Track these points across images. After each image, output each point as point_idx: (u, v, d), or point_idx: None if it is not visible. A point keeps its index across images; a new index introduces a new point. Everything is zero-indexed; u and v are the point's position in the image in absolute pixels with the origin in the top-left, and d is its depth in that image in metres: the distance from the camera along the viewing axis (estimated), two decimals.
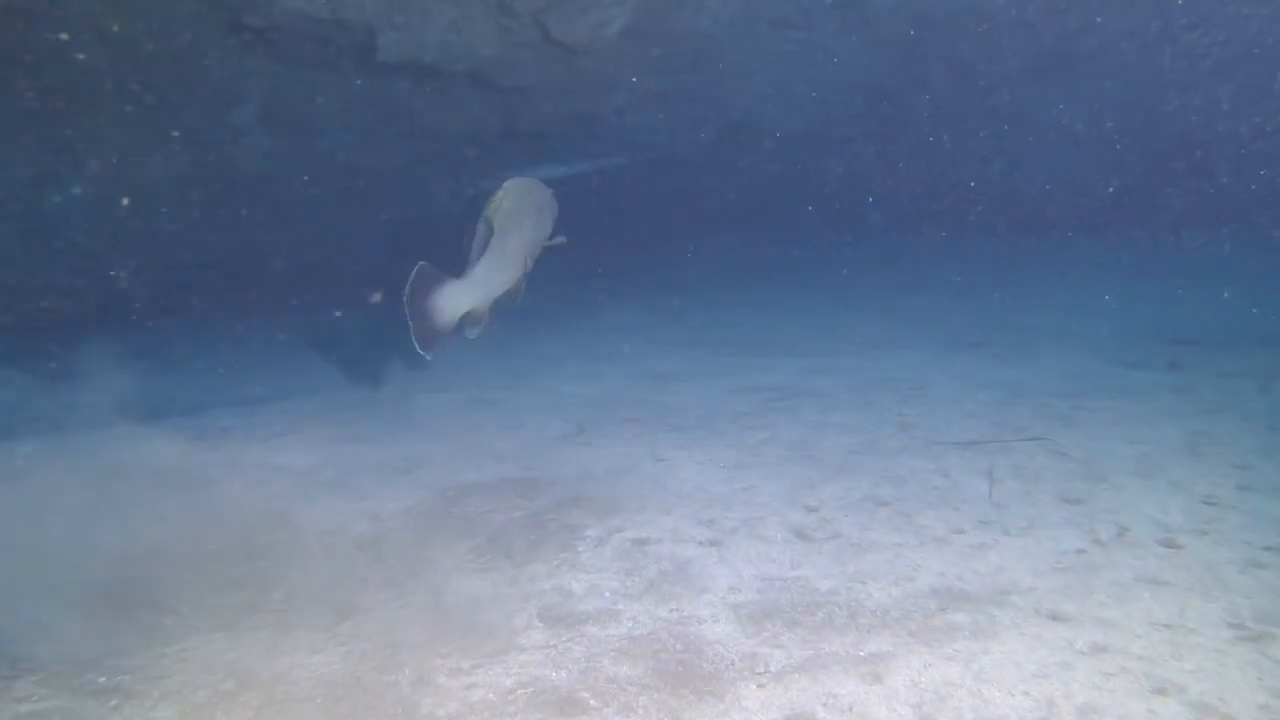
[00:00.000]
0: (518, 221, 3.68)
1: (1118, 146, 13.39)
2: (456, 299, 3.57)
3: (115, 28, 8.42)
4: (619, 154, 11.24)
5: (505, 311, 9.91)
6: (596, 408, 5.81)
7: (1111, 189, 13.98)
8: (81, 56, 8.40)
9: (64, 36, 8.09)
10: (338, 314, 11.08)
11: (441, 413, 6.00)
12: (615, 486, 4.26)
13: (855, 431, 5.03)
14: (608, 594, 3.21)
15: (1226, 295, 10.38)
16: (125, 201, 9.72)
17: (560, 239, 4.04)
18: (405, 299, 3.42)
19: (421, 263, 3.48)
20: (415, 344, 3.50)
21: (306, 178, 11.55)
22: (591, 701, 2.57)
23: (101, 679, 2.79)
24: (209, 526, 3.89)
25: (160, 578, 3.40)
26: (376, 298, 10.41)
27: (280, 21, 8.12)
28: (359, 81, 10.14)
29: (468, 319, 3.68)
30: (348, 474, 4.67)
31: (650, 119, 11.13)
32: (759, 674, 2.67)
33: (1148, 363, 6.98)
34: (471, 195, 12.68)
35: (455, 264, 3.62)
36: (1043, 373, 6.55)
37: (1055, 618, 2.93)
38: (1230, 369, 6.63)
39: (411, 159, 11.81)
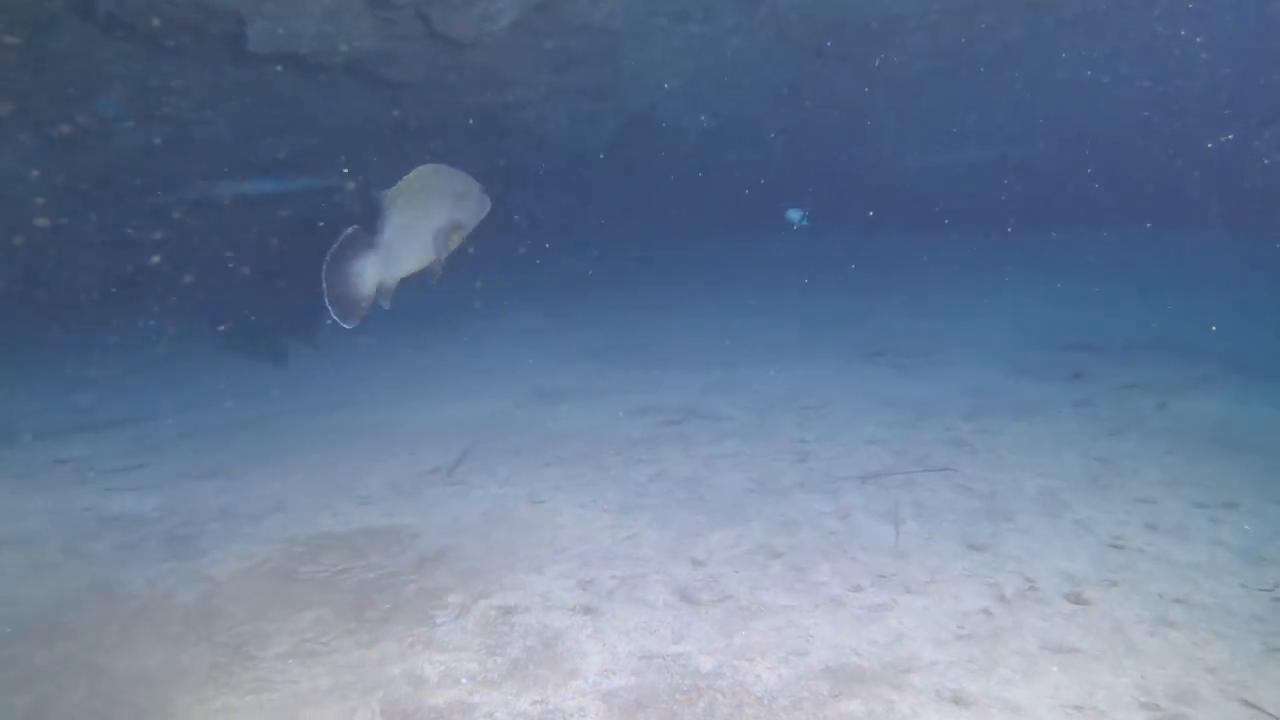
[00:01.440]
0: (425, 204, 3.66)
1: (1021, 146, 13.47)
2: (373, 269, 3.52)
3: None
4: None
5: (399, 317, 9.40)
6: (477, 434, 5.39)
7: (1014, 187, 14.06)
8: None
9: None
10: (219, 323, 10.41)
11: (309, 439, 5.52)
12: (486, 538, 3.87)
13: (750, 464, 4.73)
14: (464, 680, 2.82)
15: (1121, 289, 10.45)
16: None
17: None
18: (325, 264, 3.39)
19: (353, 228, 3.46)
20: (331, 312, 3.44)
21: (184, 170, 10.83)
22: None
23: None
24: (9, 602, 3.38)
25: None
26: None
27: (136, 6, 7.45)
28: (234, 71, 9.48)
29: (380, 292, 3.61)
30: (190, 523, 4.17)
31: (548, 114, 10.70)
32: None
33: (1048, 373, 6.87)
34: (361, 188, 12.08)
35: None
36: (945, 387, 6.37)
37: (958, 701, 2.65)
38: (1128, 380, 6.55)
39: (299, 153, 11.16)
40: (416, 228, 3.66)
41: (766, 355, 7.40)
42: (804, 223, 15.91)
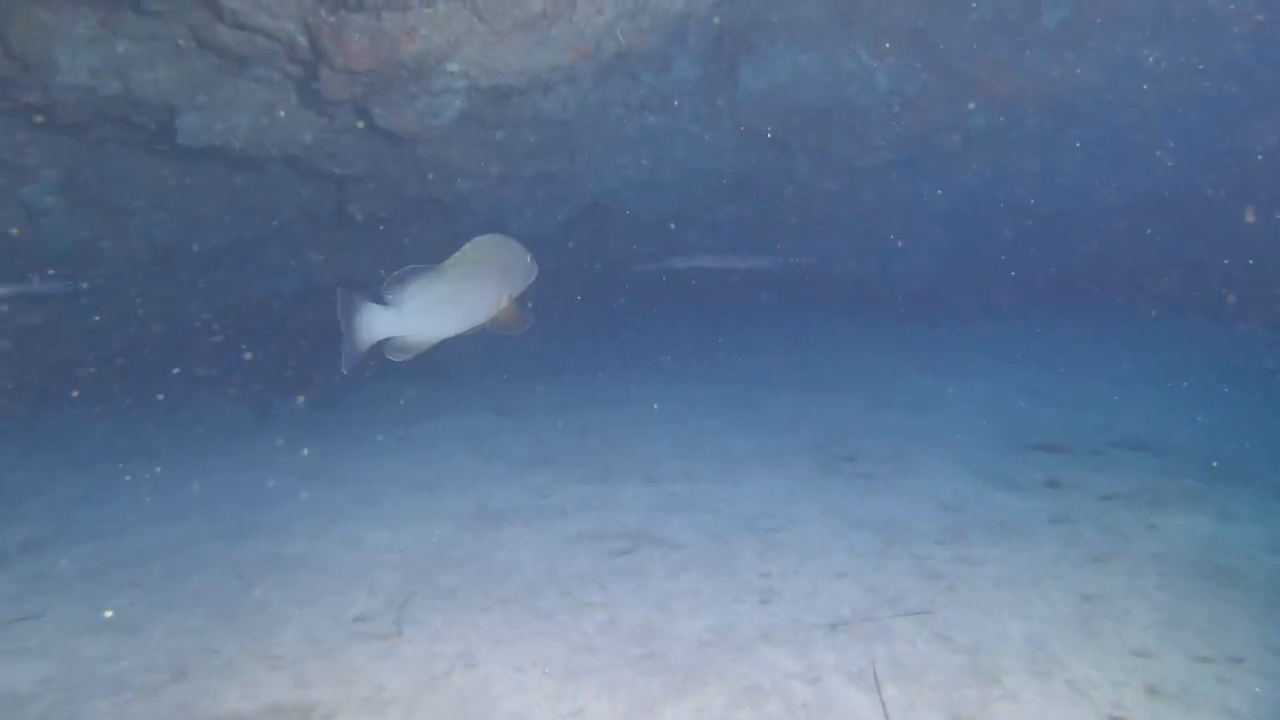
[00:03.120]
0: (478, 273, 3.90)
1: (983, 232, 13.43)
2: (375, 324, 3.75)
3: None
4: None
5: (350, 418, 8.89)
6: (412, 569, 4.92)
7: (974, 273, 14.01)
8: None
9: None
10: (148, 419, 9.87)
11: (226, 575, 5.01)
12: (410, 717, 3.39)
13: (710, 606, 4.30)
14: None
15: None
16: None
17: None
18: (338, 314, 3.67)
19: (341, 288, 3.71)
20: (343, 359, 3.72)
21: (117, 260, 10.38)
22: None
23: None
24: None
25: None
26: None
27: (61, 98, 7.07)
28: (168, 161, 9.11)
29: (392, 346, 3.86)
30: (75, 698, 3.65)
31: (500, 201, 10.41)
32: None
33: (1021, 481, 6.55)
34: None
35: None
36: (917, 501, 6.00)
37: None
38: (1106, 489, 6.24)
39: (236, 241, 10.74)
40: (463, 295, 3.88)
41: (723, 464, 7.00)
42: (770, 303, 15.83)
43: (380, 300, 3.76)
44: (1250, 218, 11.52)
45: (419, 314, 3.81)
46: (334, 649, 4.00)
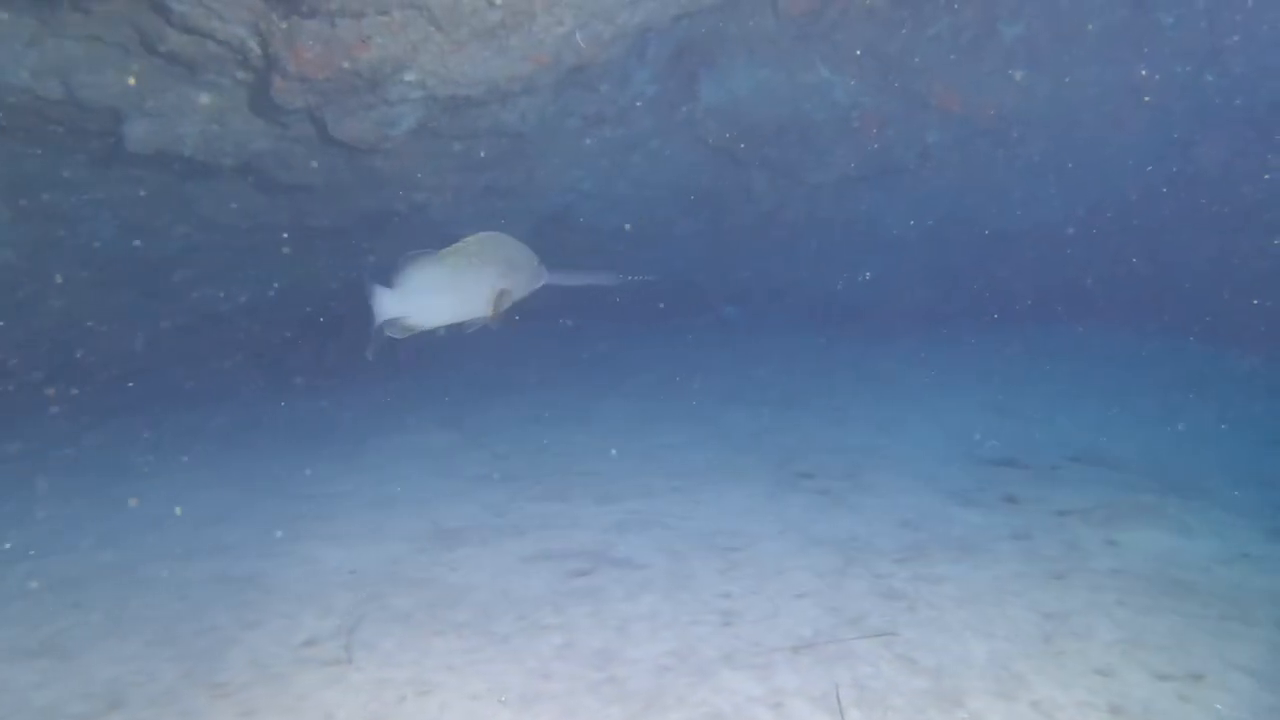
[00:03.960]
0: (474, 263, 3.92)
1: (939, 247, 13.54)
2: (381, 304, 3.85)
3: None
4: None
5: (302, 433, 8.69)
6: (364, 591, 4.77)
7: (929, 288, 14.11)
8: None
9: None
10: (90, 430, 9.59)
11: (172, 595, 4.83)
12: None
13: (670, 629, 4.21)
14: None
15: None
16: None
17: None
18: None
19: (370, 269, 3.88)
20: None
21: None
22: None
23: None
24: None
25: None
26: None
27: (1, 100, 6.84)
28: (118, 167, 8.87)
29: (393, 325, 3.94)
30: None
31: (457, 215, 10.27)
32: None
33: (979, 496, 6.55)
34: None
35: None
36: (876, 519, 5.97)
37: None
38: (1063, 505, 6.26)
39: (187, 249, 10.50)
40: (459, 283, 3.91)
41: (681, 479, 6.93)
42: (737, 318, 15.80)
43: (388, 283, 3.86)
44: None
45: (416, 295, 3.87)
46: (281, 675, 3.86)
